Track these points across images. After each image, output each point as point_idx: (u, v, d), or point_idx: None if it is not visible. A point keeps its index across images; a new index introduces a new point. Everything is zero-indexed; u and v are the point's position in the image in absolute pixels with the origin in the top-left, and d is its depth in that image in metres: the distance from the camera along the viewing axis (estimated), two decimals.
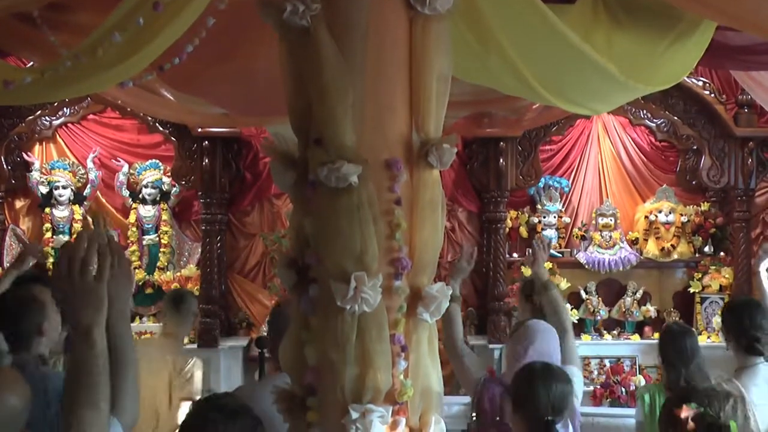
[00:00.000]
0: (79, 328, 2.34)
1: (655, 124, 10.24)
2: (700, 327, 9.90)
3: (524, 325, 5.13)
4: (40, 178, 9.90)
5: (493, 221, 10.00)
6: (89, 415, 2.34)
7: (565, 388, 4.00)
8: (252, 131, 9.60)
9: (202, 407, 3.11)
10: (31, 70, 3.46)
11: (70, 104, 9.73)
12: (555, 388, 3.95)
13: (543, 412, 3.88)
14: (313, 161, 2.90)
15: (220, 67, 4.42)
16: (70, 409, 2.36)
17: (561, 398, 3.96)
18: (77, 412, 2.33)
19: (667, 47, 3.80)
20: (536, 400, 3.93)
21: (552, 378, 4.01)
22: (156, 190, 10.03)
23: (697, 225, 10.34)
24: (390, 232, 2.95)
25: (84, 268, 2.31)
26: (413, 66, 3.03)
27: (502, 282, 9.88)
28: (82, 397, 2.35)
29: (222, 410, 3.04)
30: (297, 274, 3.05)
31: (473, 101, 6.51)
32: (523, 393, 4.02)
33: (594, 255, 10.14)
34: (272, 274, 10.02)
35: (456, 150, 3.11)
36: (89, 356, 2.34)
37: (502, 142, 9.74)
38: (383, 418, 2.89)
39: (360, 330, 2.87)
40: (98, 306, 2.34)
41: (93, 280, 2.33)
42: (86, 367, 2.35)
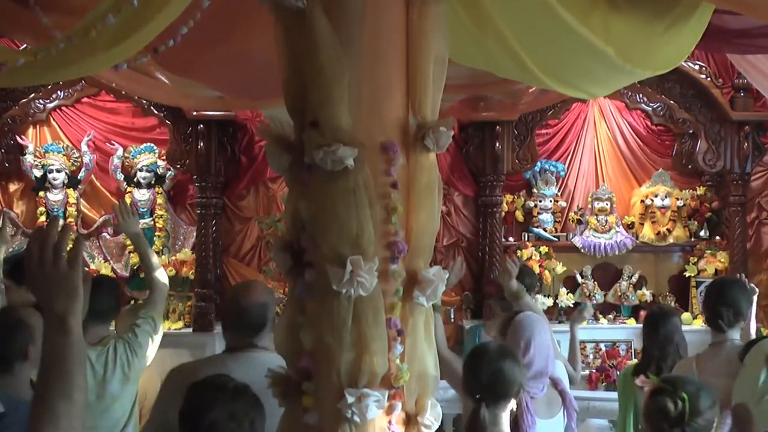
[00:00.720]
0: (53, 315, 2.27)
1: (652, 108, 10.23)
2: (695, 311, 9.93)
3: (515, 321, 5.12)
4: (33, 161, 9.88)
5: (489, 205, 10.01)
6: (63, 406, 2.26)
7: (501, 368, 3.90)
8: (247, 114, 9.59)
9: (202, 389, 3.11)
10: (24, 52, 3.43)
11: (64, 87, 9.73)
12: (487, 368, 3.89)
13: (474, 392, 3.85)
14: (309, 144, 2.89)
15: (215, 49, 4.40)
16: (42, 399, 2.28)
17: (494, 379, 3.88)
18: (50, 403, 2.26)
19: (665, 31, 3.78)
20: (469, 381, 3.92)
21: (484, 358, 3.95)
22: (151, 173, 10.02)
23: (692, 209, 10.37)
24: (386, 215, 2.94)
25: (56, 254, 2.25)
26: (410, 49, 3.01)
27: (497, 266, 9.87)
28: (55, 387, 2.27)
29: (224, 390, 3.05)
30: (293, 258, 3.04)
31: (469, 85, 6.48)
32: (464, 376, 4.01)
33: (590, 239, 10.15)
34: (267, 258, 10.02)
35: (452, 133, 3.10)
36: (64, 344, 2.27)
37: (498, 125, 9.73)
38: (379, 402, 2.89)
39: (356, 314, 2.86)
40: (72, 293, 2.27)
41: (66, 268, 2.26)
42: (61, 356, 2.27)
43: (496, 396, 3.84)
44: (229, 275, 10.21)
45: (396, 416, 3.01)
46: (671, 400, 3.28)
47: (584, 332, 9.69)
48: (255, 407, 3.06)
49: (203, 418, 2.99)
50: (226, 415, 2.98)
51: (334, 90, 2.84)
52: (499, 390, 3.85)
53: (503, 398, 3.86)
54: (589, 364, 9.67)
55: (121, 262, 10.16)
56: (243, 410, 3.03)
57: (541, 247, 10.06)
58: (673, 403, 3.27)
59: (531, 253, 9.94)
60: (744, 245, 10.09)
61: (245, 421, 3.01)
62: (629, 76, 4.09)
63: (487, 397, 3.80)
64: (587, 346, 9.82)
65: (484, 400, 3.79)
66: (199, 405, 3.04)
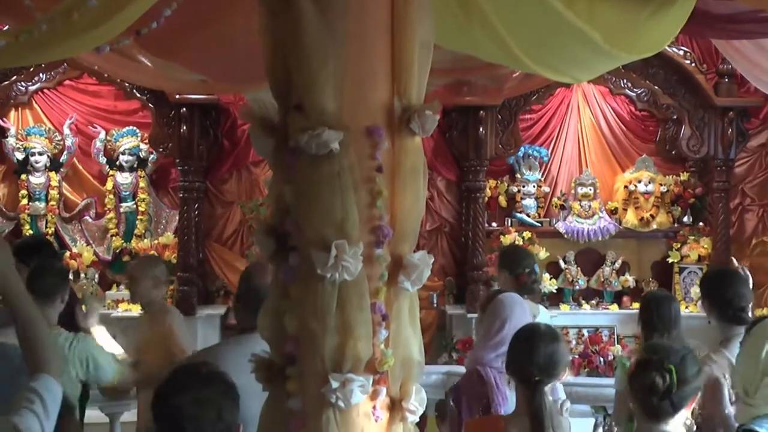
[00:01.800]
0: None
1: (635, 93, 10.25)
2: (678, 297, 9.96)
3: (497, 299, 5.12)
4: (15, 144, 9.87)
5: (472, 190, 10.03)
6: None
7: (555, 348, 3.96)
8: (230, 98, 9.59)
9: (177, 373, 3.10)
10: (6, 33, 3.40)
11: (47, 69, 9.71)
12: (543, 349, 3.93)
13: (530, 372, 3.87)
14: (294, 128, 2.87)
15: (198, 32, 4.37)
16: None
17: (548, 358, 3.92)
18: None
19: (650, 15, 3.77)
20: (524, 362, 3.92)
21: (539, 338, 3.99)
22: (133, 157, 10.02)
23: (676, 195, 10.42)
24: (371, 199, 2.92)
25: None
26: (395, 32, 2.99)
27: (480, 251, 9.93)
28: None
29: (195, 375, 3.04)
30: (276, 242, 3.02)
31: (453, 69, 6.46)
32: (514, 356, 4.01)
33: (573, 224, 10.19)
34: (250, 242, 10.03)
35: (438, 117, 3.08)
36: None
37: (481, 110, 9.76)
38: (363, 387, 2.88)
39: (340, 299, 2.84)
40: None
41: None
42: None
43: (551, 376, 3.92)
44: (212, 259, 10.23)
45: (380, 401, 3.00)
46: (659, 374, 3.27)
47: (567, 318, 9.78)
48: (225, 395, 3.04)
49: (169, 401, 2.98)
50: (190, 400, 2.96)
51: (319, 73, 2.82)
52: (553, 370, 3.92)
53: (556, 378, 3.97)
54: (571, 350, 9.67)
55: (103, 245, 10.15)
56: (210, 397, 3.01)
57: (524, 232, 10.09)
58: (660, 378, 3.26)
59: (514, 239, 9.96)
60: (727, 231, 10.13)
61: (211, 407, 2.99)
62: (614, 60, 4.08)
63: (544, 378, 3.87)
64: (570, 331, 9.85)
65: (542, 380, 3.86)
66: (168, 388, 3.03)
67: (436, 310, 10.19)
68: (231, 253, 10.34)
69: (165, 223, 10.34)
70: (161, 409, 2.99)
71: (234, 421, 3.03)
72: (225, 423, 2.97)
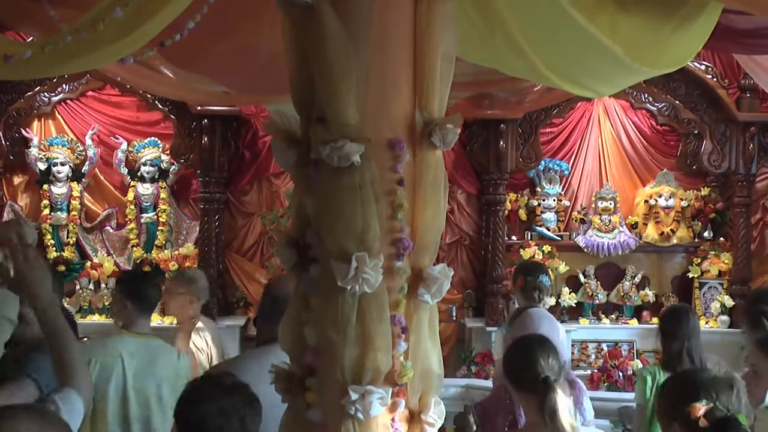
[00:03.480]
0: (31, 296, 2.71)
1: (657, 107, 10.22)
2: (698, 312, 9.91)
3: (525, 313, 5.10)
4: (38, 154, 9.92)
5: (493, 203, 10.02)
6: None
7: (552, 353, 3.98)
8: (251, 110, 9.62)
9: (201, 383, 3.12)
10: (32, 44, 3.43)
11: (70, 80, 9.76)
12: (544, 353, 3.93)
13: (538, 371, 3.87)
14: (316, 140, 2.88)
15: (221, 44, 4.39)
16: None
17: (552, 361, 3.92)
18: None
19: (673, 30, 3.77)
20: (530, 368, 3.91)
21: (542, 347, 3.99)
22: (154, 168, 10.05)
23: (696, 210, 10.36)
24: (392, 212, 2.92)
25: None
26: (418, 45, 3.00)
27: (500, 264, 9.91)
28: None
29: (219, 386, 3.05)
30: (297, 254, 3.03)
31: (474, 82, 6.47)
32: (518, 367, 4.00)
33: (593, 238, 10.16)
34: (270, 254, 10.05)
35: (459, 130, 3.09)
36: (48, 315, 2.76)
37: (502, 123, 9.75)
38: (383, 399, 2.88)
39: (360, 311, 2.85)
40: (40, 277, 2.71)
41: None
42: None
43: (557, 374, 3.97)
44: (232, 270, 10.24)
45: (399, 413, 3.01)
46: None
47: (586, 332, 9.75)
48: (248, 405, 3.06)
49: (193, 410, 3.00)
50: (215, 410, 2.98)
51: (342, 86, 2.83)
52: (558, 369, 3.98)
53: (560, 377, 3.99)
54: (591, 364, 9.68)
55: (124, 255, 10.18)
56: (234, 407, 3.02)
57: (544, 246, 10.07)
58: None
59: (534, 252, 9.94)
60: (748, 246, 10.07)
61: (235, 417, 3.01)
62: (636, 74, 4.08)
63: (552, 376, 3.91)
64: (589, 345, 9.83)
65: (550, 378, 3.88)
66: (192, 398, 3.05)
67: (455, 322, 10.18)
68: (251, 265, 10.35)
69: (186, 234, 10.36)
70: (185, 419, 3.01)
71: (257, 430, 3.05)
72: None
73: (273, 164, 9.83)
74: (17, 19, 4.64)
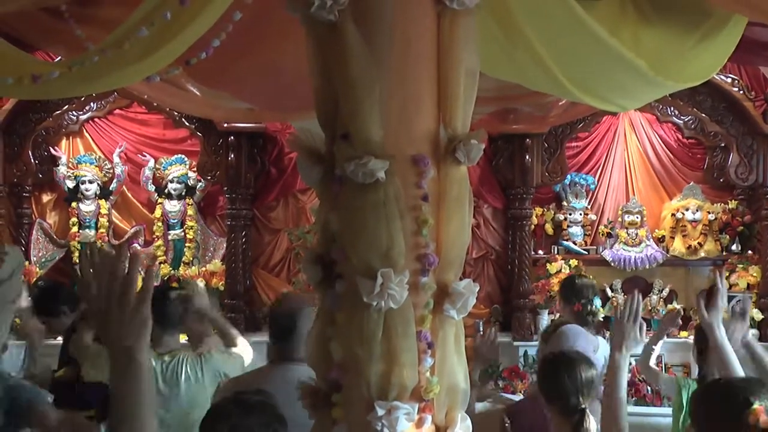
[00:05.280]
0: (121, 350, 2.14)
1: (683, 120, 10.17)
2: None
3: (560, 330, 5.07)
4: (66, 172, 10.01)
5: (519, 218, 10.01)
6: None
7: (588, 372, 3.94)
8: (277, 126, 9.65)
9: (224, 401, 3.11)
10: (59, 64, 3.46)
11: (97, 99, 9.86)
12: (580, 374, 3.92)
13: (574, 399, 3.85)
14: (340, 156, 2.88)
15: (246, 61, 4.41)
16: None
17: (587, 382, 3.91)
18: None
19: (696, 43, 3.77)
20: (563, 388, 3.90)
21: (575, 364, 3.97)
22: (181, 185, 10.11)
23: (724, 223, 10.30)
24: (417, 228, 2.92)
25: (126, 288, 2.12)
26: (441, 61, 3.00)
27: (527, 279, 9.90)
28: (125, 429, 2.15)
29: (239, 404, 3.02)
30: (323, 270, 3.03)
31: (499, 97, 6.47)
32: (551, 384, 3.98)
33: (620, 252, 10.11)
34: (296, 270, 10.06)
35: (483, 146, 3.09)
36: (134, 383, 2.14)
37: (527, 138, 9.75)
38: (409, 415, 2.88)
39: (386, 326, 2.85)
40: (141, 330, 2.15)
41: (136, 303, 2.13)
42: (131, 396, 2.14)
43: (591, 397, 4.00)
44: (259, 286, 10.25)
45: (426, 429, 3.00)
46: None
47: None
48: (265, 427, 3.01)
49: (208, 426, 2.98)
50: (228, 428, 2.95)
51: (365, 102, 2.83)
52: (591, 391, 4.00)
53: None
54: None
55: None
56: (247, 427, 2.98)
57: (571, 260, 10.03)
58: None
59: (560, 267, 9.91)
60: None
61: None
62: (660, 88, 4.08)
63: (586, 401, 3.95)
64: None
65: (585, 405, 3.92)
66: (211, 413, 3.04)
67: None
68: (278, 280, 10.36)
69: (213, 251, 10.40)
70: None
71: None
72: None
73: (299, 180, 9.85)
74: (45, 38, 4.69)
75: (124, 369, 2.15)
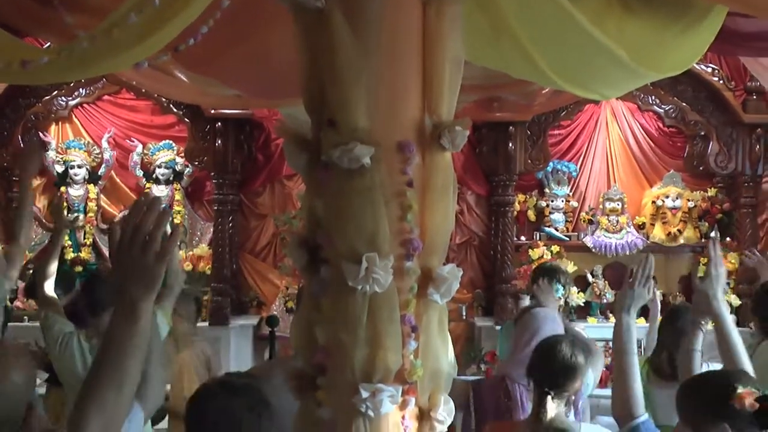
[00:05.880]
0: (126, 300, 2.15)
1: (664, 109, 10.18)
2: None
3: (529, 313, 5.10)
4: (56, 157, 9.98)
5: (502, 204, 10.03)
6: (112, 396, 2.14)
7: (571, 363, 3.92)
8: (264, 113, 9.63)
9: (209, 384, 3.06)
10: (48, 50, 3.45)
11: (86, 85, 9.82)
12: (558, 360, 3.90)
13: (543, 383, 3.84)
14: (327, 143, 2.89)
15: (234, 48, 4.39)
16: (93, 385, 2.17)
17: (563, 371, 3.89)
18: (100, 390, 2.15)
19: (678, 34, 3.77)
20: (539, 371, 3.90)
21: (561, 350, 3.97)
22: (169, 170, 10.09)
23: (703, 210, 10.33)
24: (401, 213, 2.93)
25: (148, 243, 2.13)
26: (426, 49, 3.00)
27: (509, 265, 9.93)
28: (109, 376, 2.16)
29: (224, 386, 2.96)
30: (309, 255, 3.04)
31: (483, 85, 6.46)
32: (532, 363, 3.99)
33: (601, 239, 10.14)
34: (283, 255, 10.07)
35: (468, 133, 3.09)
36: (127, 332, 2.15)
37: (511, 126, 9.74)
38: (393, 397, 2.89)
39: (371, 310, 2.86)
40: (151, 285, 2.15)
41: (153, 259, 2.14)
42: (122, 345, 2.15)
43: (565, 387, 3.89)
44: (245, 270, 10.26)
45: (409, 411, 3.01)
46: None
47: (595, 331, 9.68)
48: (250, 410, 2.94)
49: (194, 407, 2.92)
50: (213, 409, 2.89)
51: (352, 89, 2.84)
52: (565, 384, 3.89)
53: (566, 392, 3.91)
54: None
55: None
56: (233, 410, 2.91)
57: (553, 246, 10.06)
58: None
59: (542, 252, 9.93)
60: (755, 247, 10.02)
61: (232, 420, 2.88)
62: (641, 77, 4.08)
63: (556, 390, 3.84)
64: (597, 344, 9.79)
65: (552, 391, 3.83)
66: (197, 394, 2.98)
67: (465, 322, 10.17)
68: (264, 265, 10.37)
69: (200, 235, 10.39)
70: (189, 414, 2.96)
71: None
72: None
73: (285, 166, 9.85)
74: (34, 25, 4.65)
75: (124, 315, 2.17)
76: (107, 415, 2.16)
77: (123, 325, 2.17)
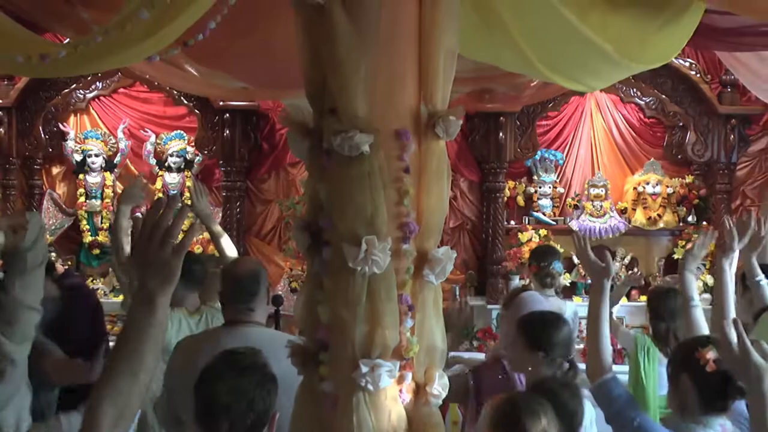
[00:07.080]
0: (144, 291, 2.14)
1: (645, 101, 10.16)
2: None
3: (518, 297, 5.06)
4: (74, 146, 9.95)
5: (493, 191, 10.01)
6: (126, 384, 2.11)
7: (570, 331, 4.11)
8: (269, 104, 9.64)
9: (218, 360, 2.99)
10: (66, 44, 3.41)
11: (103, 78, 9.83)
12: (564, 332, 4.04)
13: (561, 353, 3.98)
14: (328, 131, 2.87)
15: (240, 42, 4.38)
16: (109, 374, 2.14)
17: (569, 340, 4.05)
18: (116, 379, 2.12)
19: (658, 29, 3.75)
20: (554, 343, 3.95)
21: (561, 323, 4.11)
22: (180, 158, 10.07)
23: (681, 196, 10.31)
24: (399, 198, 2.92)
25: (166, 238, 2.12)
26: (422, 41, 2.99)
27: (500, 247, 9.93)
28: (125, 365, 2.13)
29: (232, 366, 2.91)
30: (311, 238, 3.03)
31: (475, 78, 6.45)
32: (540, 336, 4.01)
33: (586, 223, 10.12)
34: (287, 238, 10.05)
35: (461, 122, 3.07)
36: (146, 323, 2.14)
37: (502, 116, 9.73)
38: (391, 372, 2.88)
39: (370, 290, 2.85)
40: (169, 278, 2.14)
41: (170, 254, 2.13)
42: (139, 335, 2.13)
43: None
44: (252, 253, 10.23)
45: (406, 385, 3.01)
46: None
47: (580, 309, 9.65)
48: (260, 386, 2.88)
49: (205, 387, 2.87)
50: (225, 389, 2.84)
51: (352, 79, 2.82)
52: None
53: None
54: (583, 339, 9.62)
55: None
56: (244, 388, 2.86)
57: (541, 230, 10.04)
58: None
59: (531, 236, 9.92)
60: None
61: (243, 398, 2.81)
62: (624, 69, 4.06)
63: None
64: (582, 322, 9.78)
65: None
66: (207, 374, 2.92)
67: (458, 301, 10.18)
68: (269, 248, 10.35)
69: None
70: (199, 394, 2.90)
71: (267, 410, 2.89)
72: (256, 413, 2.80)
73: (289, 155, 9.85)
74: (54, 21, 4.64)
75: (142, 307, 2.15)
76: (122, 402, 2.13)
77: (141, 317, 2.15)
